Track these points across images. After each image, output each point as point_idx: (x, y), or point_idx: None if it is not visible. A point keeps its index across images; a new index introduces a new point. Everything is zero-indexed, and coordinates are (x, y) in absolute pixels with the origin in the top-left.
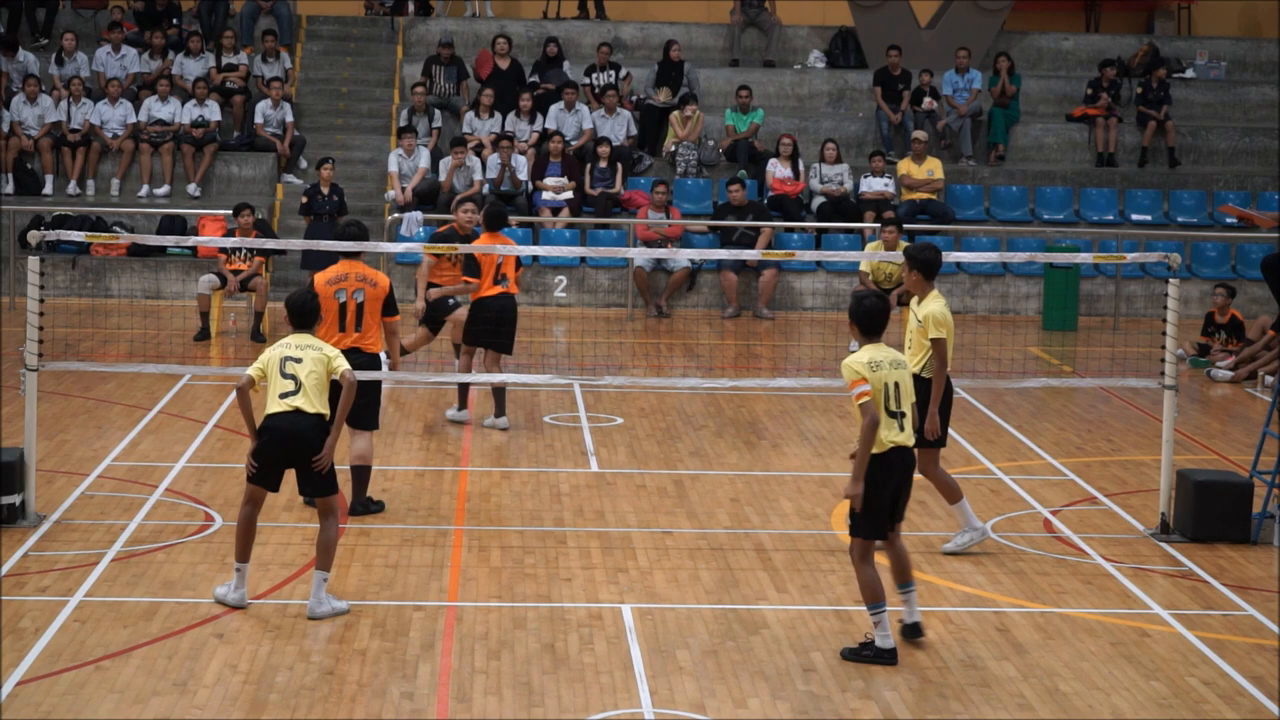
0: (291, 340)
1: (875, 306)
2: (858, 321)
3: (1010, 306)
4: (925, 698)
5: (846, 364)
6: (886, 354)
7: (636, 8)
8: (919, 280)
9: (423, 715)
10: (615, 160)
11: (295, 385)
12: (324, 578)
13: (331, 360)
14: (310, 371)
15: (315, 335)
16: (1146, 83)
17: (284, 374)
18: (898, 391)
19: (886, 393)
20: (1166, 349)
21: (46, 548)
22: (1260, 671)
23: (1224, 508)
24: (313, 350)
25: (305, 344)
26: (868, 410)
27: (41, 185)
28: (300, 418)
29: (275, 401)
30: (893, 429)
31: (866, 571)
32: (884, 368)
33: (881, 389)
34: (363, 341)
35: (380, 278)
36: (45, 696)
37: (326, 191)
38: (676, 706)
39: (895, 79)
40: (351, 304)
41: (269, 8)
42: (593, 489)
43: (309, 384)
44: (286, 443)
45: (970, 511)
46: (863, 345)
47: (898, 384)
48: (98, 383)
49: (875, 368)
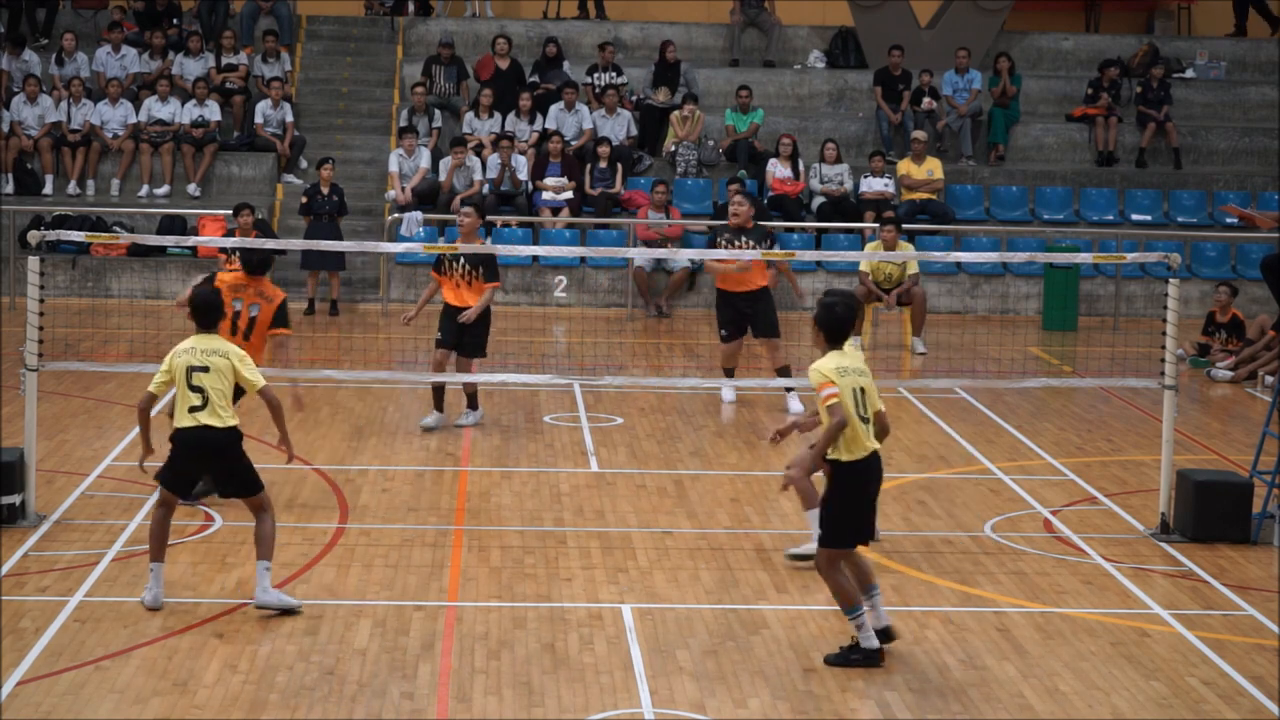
0: (195, 344)
1: (846, 315)
2: (825, 328)
3: (1010, 306)
4: (925, 698)
5: (814, 368)
6: (852, 360)
7: (636, 8)
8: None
9: (423, 715)
10: (615, 160)
11: (202, 400)
12: (266, 566)
13: (239, 369)
14: (214, 387)
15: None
16: (1146, 83)
17: (190, 386)
18: (864, 397)
19: (855, 399)
20: (1166, 349)
21: (46, 548)
22: (1260, 671)
23: (1224, 508)
24: (218, 357)
25: (210, 348)
26: (836, 411)
27: (41, 185)
28: (208, 432)
29: (183, 415)
30: (862, 434)
31: (836, 579)
32: (850, 374)
33: (850, 394)
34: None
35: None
36: (45, 696)
37: (326, 191)
38: (676, 706)
39: (895, 79)
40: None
41: (269, 8)
42: (593, 489)
43: (215, 398)
44: (198, 455)
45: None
46: (827, 352)
47: (863, 389)
48: (98, 383)
49: (843, 373)
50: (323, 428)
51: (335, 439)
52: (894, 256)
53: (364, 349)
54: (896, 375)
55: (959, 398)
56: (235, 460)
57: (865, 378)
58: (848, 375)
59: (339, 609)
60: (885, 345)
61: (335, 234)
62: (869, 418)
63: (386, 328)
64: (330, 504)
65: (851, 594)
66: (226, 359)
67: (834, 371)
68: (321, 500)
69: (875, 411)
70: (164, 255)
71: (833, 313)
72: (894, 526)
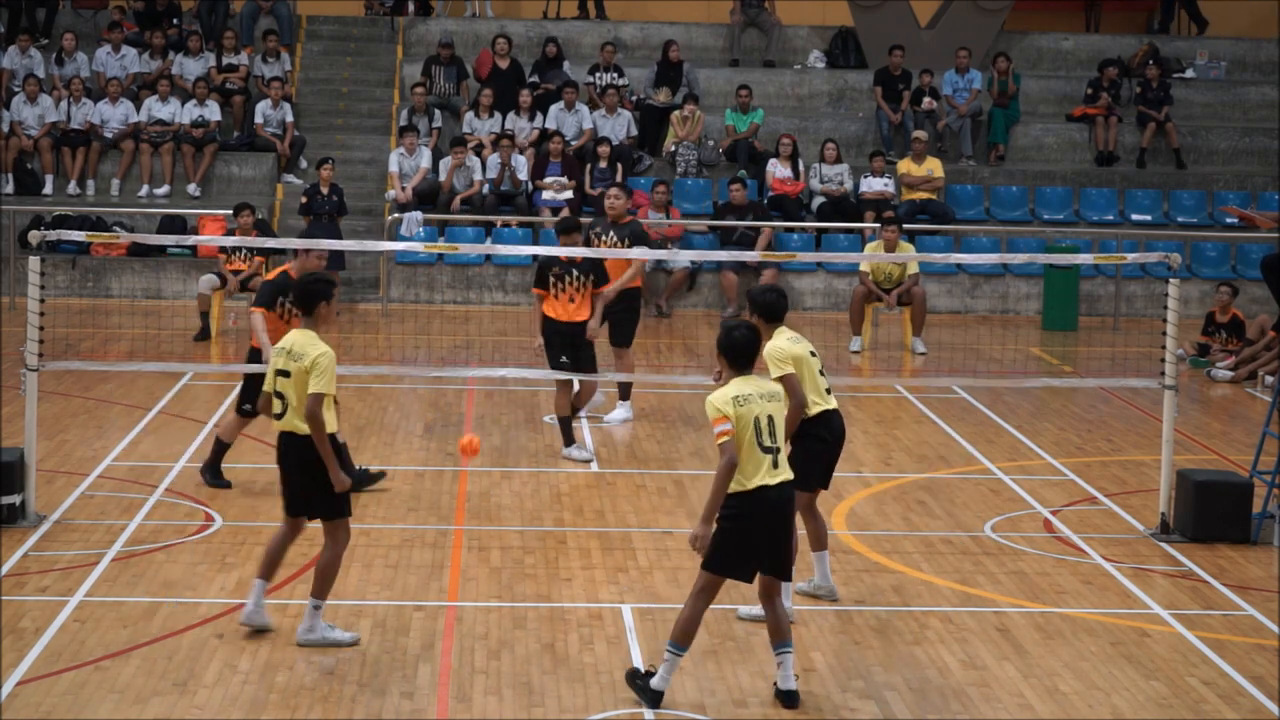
0: (287, 343)
1: (745, 338)
2: (725, 353)
3: (1010, 306)
4: (925, 698)
5: (710, 400)
6: (757, 386)
7: (636, 8)
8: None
9: (423, 715)
10: (615, 160)
11: (283, 406)
12: (316, 605)
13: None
14: (294, 393)
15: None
16: (1146, 83)
17: (276, 391)
18: (771, 425)
19: (758, 427)
20: (1166, 349)
21: (46, 548)
22: (1260, 671)
23: (1224, 508)
24: (298, 362)
25: (298, 351)
26: (726, 451)
27: (41, 185)
28: (290, 440)
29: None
30: (762, 466)
31: (693, 607)
32: (754, 401)
33: (751, 424)
34: None
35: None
36: (45, 696)
37: (326, 191)
38: (676, 706)
39: (895, 79)
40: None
41: (269, 8)
42: (593, 489)
43: (294, 404)
44: (284, 465)
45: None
46: (731, 379)
47: (771, 417)
48: (98, 383)
49: (743, 402)
50: None
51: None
52: (894, 257)
53: (364, 349)
54: (896, 375)
55: (959, 398)
56: (306, 471)
57: (773, 402)
58: (749, 404)
59: (339, 609)
60: (885, 345)
61: (335, 234)
62: (776, 447)
63: (386, 327)
64: None
65: (692, 631)
66: (301, 362)
67: (731, 403)
68: None
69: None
70: (164, 255)
71: (731, 336)
72: (894, 526)
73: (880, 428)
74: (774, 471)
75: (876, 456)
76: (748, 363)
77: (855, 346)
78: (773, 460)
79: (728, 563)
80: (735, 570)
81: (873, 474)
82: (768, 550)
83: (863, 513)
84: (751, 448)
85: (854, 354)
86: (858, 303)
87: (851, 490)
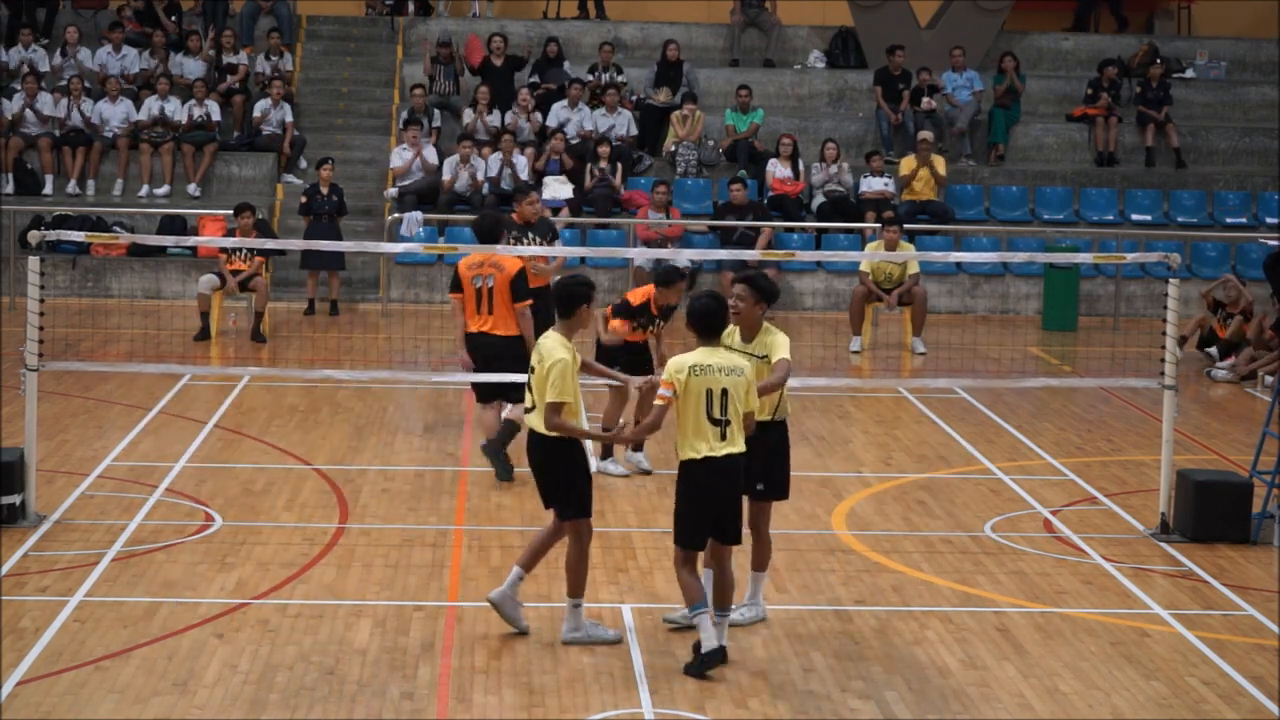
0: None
1: (706, 308)
2: (693, 323)
3: (1010, 306)
4: (925, 698)
5: (670, 361)
6: (722, 359)
7: (636, 8)
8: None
9: (423, 715)
10: (615, 160)
11: (532, 402)
12: (576, 603)
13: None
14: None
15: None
16: (1146, 83)
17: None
18: (724, 398)
19: (709, 398)
20: (1167, 349)
21: (46, 548)
22: (1260, 671)
23: (1224, 508)
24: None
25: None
26: (657, 412)
27: (41, 185)
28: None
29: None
30: (710, 438)
31: (684, 577)
32: (712, 372)
33: (702, 395)
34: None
35: (509, 262)
36: (45, 696)
37: (326, 191)
38: (676, 706)
39: (895, 79)
40: (484, 289)
41: (269, 8)
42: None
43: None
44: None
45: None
46: (699, 346)
47: (726, 390)
48: (98, 383)
49: (700, 371)
50: (323, 428)
51: (335, 439)
52: (894, 256)
53: (364, 349)
54: (896, 375)
55: (959, 398)
56: (548, 470)
57: (732, 377)
58: (704, 374)
59: (339, 609)
60: (885, 345)
61: (335, 234)
62: (725, 420)
63: (386, 327)
64: (330, 504)
65: (696, 591)
66: (542, 365)
67: (685, 370)
68: (321, 500)
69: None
70: (164, 255)
71: (695, 306)
72: (894, 526)
73: (880, 428)
74: (721, 443)
75: (876, 456)
76: (711, 332)
77: (855, 346)
78: (720, 432)
79: (692, 534)
80: (695, 539)
81: (873, 474)
82: (717, 517)
83: (863, 513)
84: (700, 418)
85: (854, 354)
86: (858, 303)
87: (851, 490)
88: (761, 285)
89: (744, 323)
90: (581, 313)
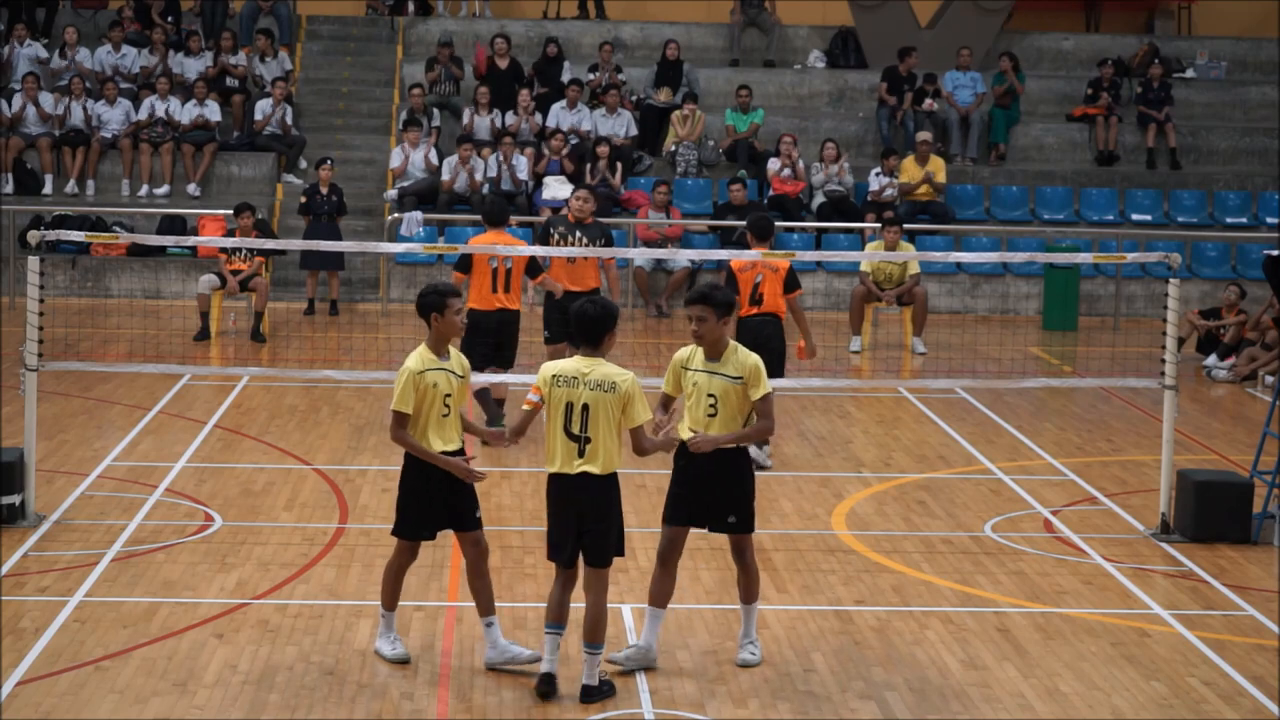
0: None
1: (589, 313)
2: (575, 328)
3: (1010, 306)
4: (925, 698)
5: (542, 367)
6: (600, 371)
7: (636, 8)
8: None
9: (423, 715)
10: (615, 160)
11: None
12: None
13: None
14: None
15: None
16: (1147, 82)
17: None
18: (585, 415)
19: (568, 413)
20: (1167, 349)
21: (46, 548)
22: (1260, 671)
23: (1224, 508)
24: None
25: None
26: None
27: (41, 185)
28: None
29: None
30: (562, 453)
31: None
32: (576, 385)
33: (561, 408)
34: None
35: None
36: (45, 696)
37: (325, 191)
38: (676, 706)
39: (902, 79)
40: (502, 269)
41: (269, 8)
42: None
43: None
44: None
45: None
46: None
47: (587, 406)
48: (98, 383)
49: (563, 382)
50: (323, 428)
51: (335, 439)
52: (895, 256)
53: (364, 349)
54: (896, 375)
55: (959, 398)
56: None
57: (604, 393)
58: (565, 386)
59: (339, 609)
60: (885, 345)
61: (335, 234)
62: (584, 436)
63: (386, 327)
64: (330, 504)
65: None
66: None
67: (549, 380)
68: (321, 500)
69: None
70: (164, 255)
71: (576, 311)
72: (894, 526)
73: (880, 428)
74: (578, 460)
75: (876, 456)
76: (590, 341)
77: (855, 346)
78: (578, 449)
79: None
80: (560, 555)
81: (873, 474)
82: (579, 535)
83: (863, 513)
84: (556, 431)
85: (854, 354)
86: (858, 302)
87: (851, 490)
88: (719, 300)
89: (708, 342)
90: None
